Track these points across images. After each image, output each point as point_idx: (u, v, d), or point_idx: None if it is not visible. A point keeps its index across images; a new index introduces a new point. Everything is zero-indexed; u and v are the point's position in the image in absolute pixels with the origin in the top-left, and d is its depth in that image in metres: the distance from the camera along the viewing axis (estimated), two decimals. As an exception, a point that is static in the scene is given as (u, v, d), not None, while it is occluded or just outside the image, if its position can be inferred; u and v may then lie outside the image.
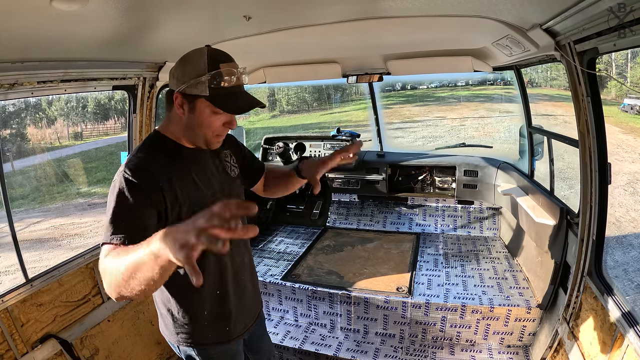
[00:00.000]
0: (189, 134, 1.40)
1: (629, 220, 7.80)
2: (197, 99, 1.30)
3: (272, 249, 3.83)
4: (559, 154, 3.02)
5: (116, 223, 1.20)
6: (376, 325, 2.91)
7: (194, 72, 1.28)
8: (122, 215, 1.22)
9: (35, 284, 2.14)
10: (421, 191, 4.34)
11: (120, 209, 1.22)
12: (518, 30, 2.00)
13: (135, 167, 1.28)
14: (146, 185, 1.26)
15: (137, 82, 2.60)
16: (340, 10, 1.91)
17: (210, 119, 1.34)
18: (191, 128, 1.37)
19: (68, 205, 11.97)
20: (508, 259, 3.40)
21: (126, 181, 1.24)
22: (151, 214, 1.26)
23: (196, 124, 1.35)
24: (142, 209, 1.24)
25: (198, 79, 1.27)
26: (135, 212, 1.23)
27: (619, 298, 1.82)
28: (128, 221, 1.21)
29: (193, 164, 1.44)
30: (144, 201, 1.24)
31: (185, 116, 1.35)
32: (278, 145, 4.19)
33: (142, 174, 1.27)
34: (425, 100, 27.47)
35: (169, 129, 1.42)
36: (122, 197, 1.23)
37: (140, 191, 1.24)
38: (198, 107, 1.32)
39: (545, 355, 2.38)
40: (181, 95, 1.31)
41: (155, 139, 1.43)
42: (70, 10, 1.37)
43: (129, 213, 1.23)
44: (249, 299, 1.68)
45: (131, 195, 1.23)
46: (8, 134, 15.33)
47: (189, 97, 1.31)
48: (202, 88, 1.28)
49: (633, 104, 15.35)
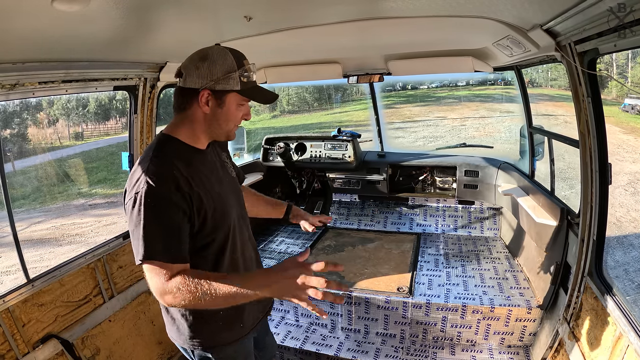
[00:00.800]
0: (212, 129, 1.44)
1: (629, 220, 7.79)
2: (227, 94, 1.37)
3: (273, 249, 3.83)
4: (560, 154, 3.01)
5: (157, 239, 1.25)
6: (377, 325, 2.92)
7: (224, 68, 1.34)
8: (160, 230, 1.26)
9: (37, 284, 2.15)
10: (422, 191, 4.34)
11: (156, 223, 1.25)
12: (519, 30, 2.00)
13: (159, 176, 1.28)
14: (174, 194, 1.28)
15: (138, 82, 2.60)
16: (341, 10, 1.91)
17: (236, 112, 1.42)
18: (217, 123, 1.42)
19: (69, 206, 11.99)
20: (509, 259, 3.40)
21: (154, 192, 1.25)
22: (184, 222, 1.30)
23: (223, 118, 1.41)
24: (177, 220, 1.28)
25: (229, 74, 1.35)
26: (172, 225, 1.27)
27: (619, 298, 1.82)
28: (168, 236, 1.27)
29: (206, 165, 1.46)
30: (175, 210, 1.28)
31: (211, 112, 1.39)
32: (279, 146, 4.18)
33: (168, 183, 1.28)
34: (426, 100, 27.47)
35: (180, 130, 1.42)
36: (154, 210, 1.25)
37: (171, 201, 1.27)
38: (227, 101, 1.39)
39: (546, 355, 2.39)
40: (209, 91, 1.35)
41: (168, 142, 1.42)
42: (72, 11, 1.37)
43: (167, 227, 1.27)
44: None
45: (163, 207, 1.26)
46: (9, 134, 15.34)
47: (217, 92, 1.36)
48: (233, 83, 1.36)
49: (634, 104, 15.32)
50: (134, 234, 1.26)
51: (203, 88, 1.34)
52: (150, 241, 1.24)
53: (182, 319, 1.50)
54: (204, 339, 1.52)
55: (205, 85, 1.34)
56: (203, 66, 1.34)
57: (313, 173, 4.53)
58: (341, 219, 4.41)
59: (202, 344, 1.52)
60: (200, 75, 1.34)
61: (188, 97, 1.39)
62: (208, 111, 1.38)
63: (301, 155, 4.35)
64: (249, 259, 1.64)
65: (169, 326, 1.57)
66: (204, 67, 1.34)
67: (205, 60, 1.35)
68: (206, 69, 1.34)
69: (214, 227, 1.41)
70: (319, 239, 3.99)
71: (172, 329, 1.57)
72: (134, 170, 1.34)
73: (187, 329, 1.51)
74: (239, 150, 4.48)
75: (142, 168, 1.30)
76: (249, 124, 20.43)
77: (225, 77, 1.34)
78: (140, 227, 1.24)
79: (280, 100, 26.12)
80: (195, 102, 1.37)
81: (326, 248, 3.77)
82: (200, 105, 1.37)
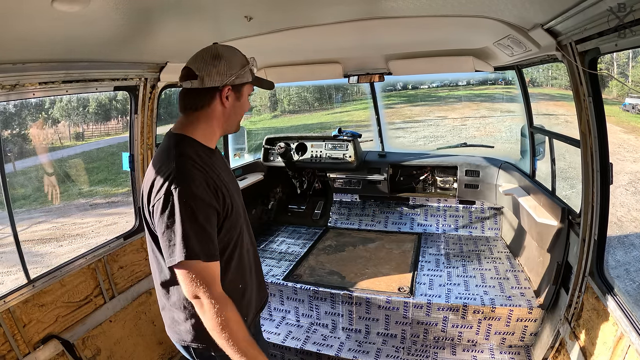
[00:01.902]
0: (229, 123, 1.52)
1: (630, 219, 7.78)
2: (244, 86, 1.48)
3: (273, 249, 3.83)
4: (561, 153, 3.01)
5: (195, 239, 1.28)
6: (378, 325, 2.91)
7: (239, 63, 1.44)
8: (197, 230, 1.29)
9: (37, 285, 2.15)
10: (423, 191, 4.34)
11: (193, 223, 1.28)
12: (519, 30, 2.00)
13: (189, 175, 1.32)
14: (206, 193, 1.32)
15: (138, 82, 2.60)
16: (342, 10, 1.91)
17: (246, 102, 1.54)
18: (235, 115, 1.51)
19: (70, 206, 12.00)
20: (509, 259, 3.40)
21: (188, 191, 1.28)
22: (216, 221, 1.36)
23: (239, 109, 1.51)
24: (211, 219, 1.33)
25: (244, 68, 1.45)
26: (207, 224, 1.32)
27: (620, 298, 1.82)
28: (205, 235, 1.31)
29: (219, 164, 1.51)
30: (210, 209, 1.33)
31: (230, 106, 1.46)
32: (279, 146, 4.18)
33: (199, 181, 1.32)
34: (427, 100, 27.41)
35: (195, 130, 1.45)
36: (189, 210, 1.27)
37: (204, 200, 1.31)
38: (244, 92, 1.50)
39: (547, 355, 2.38)
40: (229, 86, 1.43)
41: (186, 142, 1.43)
42: (72, 11, 1.37)
43: (202, 226, 1.30)
44: (256, 289, 1.70)
45: (198, 207, 1.29)
46: (9, 134, 15.34)
47: (236, 86, 1.45)
48: (247, 76, 1.47)
49: (634, 104, 15.29)
50: (166, 235, 1.28)
51: (224, 85, 1.41)
52: (188, 242, 1.27)
53: (182, 318, 1.50)
54: (204, 338, 1.51)
55: (226, 81, 1.41)
56: (221, 64, 1.40)
57: (314, 173, 4.54)
58: (342, 219, 4.41)
59: (203, 342, 1.51)
60: (220, 73, 1.40)
61: (207, 96, 1.43)
62: (228, 106, 1.46)
63: (302, 155, 4.35)
64: (252, 255, 1.67)
65: (169, 326, 1.57)
66: (222, 65, 1.40)
67: (221, 58, 1.40)
68: (225, 66, 1.41)
69: (233, 225, 1.46)
70: (320, 239, 3.99)
71: (172, 328, 1.56)
72: (156, 171, 1.36)
73: (188, 328, 1.50)
74: (240, 150, 4.48)
75: (168, 168, 1.32)
76: (249, 124, 20.44)
77: (242, 71, 1.44)
78: (174, 227, 1.27)
79: (281, 100, 26.13)
80: (216, 99, 1.43)
81: (327, 248, 3.77)
82: (222, 101, 1.44)
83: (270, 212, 4.55)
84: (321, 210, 4.49)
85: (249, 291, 1.61)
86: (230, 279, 1.49)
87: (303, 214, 4.55)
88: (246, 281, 1.59)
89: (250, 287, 1.62)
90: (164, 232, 1.29)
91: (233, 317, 1.33)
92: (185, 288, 1.32)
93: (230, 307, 1.33)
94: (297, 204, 4.64)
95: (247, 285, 1.60)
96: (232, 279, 1.51)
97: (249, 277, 1.62)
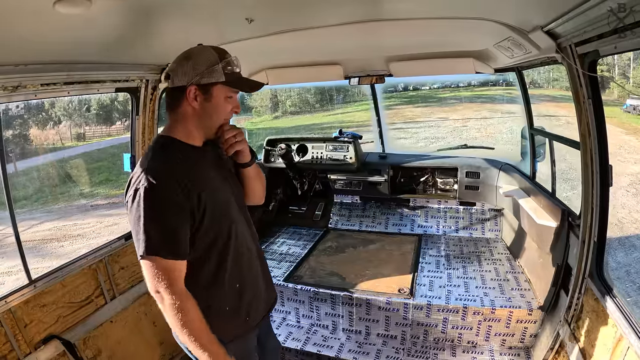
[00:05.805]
0: (203, 125, 1.47)
1: (631, 221, 7.78)
2: (213, 86, 1.41)
3: (274, 250, 3.84)
4: (561, 154, 3.01)
5: (156, 236, 1.30)
6: (378, 326, 2.92)
7: (206, 62, 1.40)
8: (159, 227, 1.31)
9: (39, 285, 2.16)
10: (423, 192, 4.34)
11: (155, 220, 1.30)
12: (519, 32, 2.01)
13: (158, 174, 1.33)
14: (174, 192, 1.32)
15: (139, 84, 2.61)
16: (343, 12, 1.92)
17: (224, 104, 1.46)
18: (207, 117, 1.46)
19: (71, 207, 12.01)
20: (510, 260, 3.39)
21: (153, 189, 1.29)
22: (184, 220, 1.35)
23: (212, 111, 1.45)
24: (176, 217, 1.33)
25: (212, 67, 1.40)
26: (171, 222, 1.32)
27: (620, 300, 1.82)
28: (167, 233, 1.32)
29: (204, 162, 1.50)
30: (175, 208, 1.32)
31: (199, 107, 1.43)
32: (280, 147, 4.18)
33: (167, 180, 1.33)
34: (428, 101, 27.40)
35: (175, 130, 1.47)
36: (153, 207, 1.29)
37: (170, 199, 1.31)
38: (215, 93, 1.43)
39: (547, 356, 2.38)
40: (196, 86, 1.40)
41: (166, 141, 1.46)
42: (74, 13, 1.39)
43: (166, 224, 1.31)
44: (262, 288, 1.70)
45: (163, 205, 1.31)
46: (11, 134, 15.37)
47: (204, 86, 1.41)
48: (217, 75, 1.40)
49: (635, 105, 15.26)
50: (134, 230, 1.31)
51: (190, 84, 1.40)
52: (149, 237, 1.29)
53: None
54: None
55: (191, 81, 1.39)
56: (187, 64, 1.40)
57: (314, 174, 4.54)
58: (342, 220, 4.41)
59: None
60: (185, 73, 1.40)
61: (177, 96, 1.44)
62: (197, 106, 1.43)
63: (303, 156, 4.35)
64: (253, 252, 1.66)
65: None
66: (188, 65, 1.40)
67: (187, 58, 1.42)
68: (190, 65, 1.40)
69: (215, 223, 1.45)
70: (320, 240, 3.99)
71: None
72: (134, 170, 1.38)
73: None
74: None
75: (142, 167, 1.35)
76: (250, 125, 20.46)
77: (209, 70, 1.39)
78: (140, 223, 1.29)
79: (282, 101, 26.14)
80: (184, 99, 1.42)
81: (327, 249, 3.78)
82: (189, 102, 1.42)
83: (271, 213, 4.55)
84: (322, 211, 4.49)
85: (249, 291, 1.60)
86: (226, 277, 1.50)
87: (304, 215, 4.55)
88: (244, 281, 1.58)
89: (250, 286, 1.61)
90: (133, 228, 1.33)
91: (194, 314, 1.35)
92: (147, 282, 1.36)
93: (191, 304, 1.35)
94: (297, 205, 4.64)
95: (246, 284, 1.59)
96: (228, 278, 1.51)
97: (249, 276, 1.61)
